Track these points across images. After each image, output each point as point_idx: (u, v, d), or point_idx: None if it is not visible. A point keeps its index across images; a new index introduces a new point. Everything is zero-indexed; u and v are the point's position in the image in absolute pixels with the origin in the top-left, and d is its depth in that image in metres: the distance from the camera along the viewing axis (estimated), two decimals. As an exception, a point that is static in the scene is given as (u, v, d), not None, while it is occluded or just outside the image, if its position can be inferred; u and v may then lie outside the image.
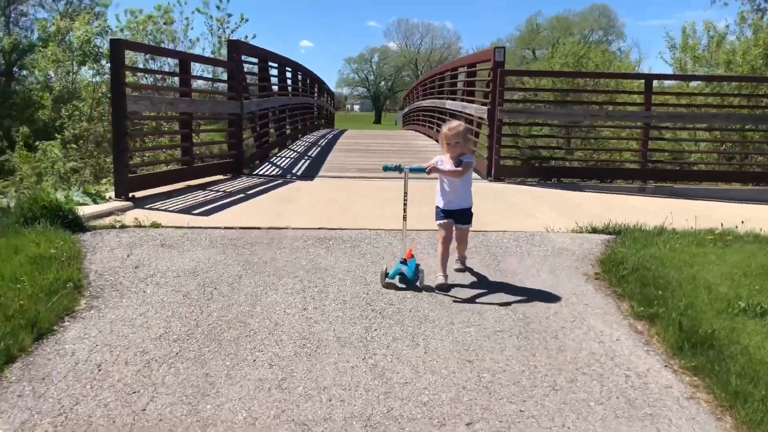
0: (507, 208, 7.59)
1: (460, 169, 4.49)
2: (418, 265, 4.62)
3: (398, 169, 4.52)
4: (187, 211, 7.01)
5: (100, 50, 18.69)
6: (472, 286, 4.74)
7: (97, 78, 18.60)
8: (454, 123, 4.63)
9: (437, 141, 16.09)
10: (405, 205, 4.58)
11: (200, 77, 14.02)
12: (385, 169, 4.59)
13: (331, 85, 36.96)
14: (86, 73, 20.17)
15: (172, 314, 4.11)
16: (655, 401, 3.20)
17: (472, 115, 11.72)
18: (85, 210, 6.56)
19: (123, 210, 6.86)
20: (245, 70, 10.96)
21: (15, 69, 30.19)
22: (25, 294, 4.13)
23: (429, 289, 4.54)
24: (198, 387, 3.26)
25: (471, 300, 4.45)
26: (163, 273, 4.85)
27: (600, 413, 3.08)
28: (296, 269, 5.00)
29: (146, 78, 13.75)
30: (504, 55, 10.30)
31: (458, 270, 4.95)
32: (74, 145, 14.55)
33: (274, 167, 11.46)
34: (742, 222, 6.29)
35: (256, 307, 4.27)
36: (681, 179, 10.05)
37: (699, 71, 16.47)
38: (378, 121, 76.31)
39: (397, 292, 4.51)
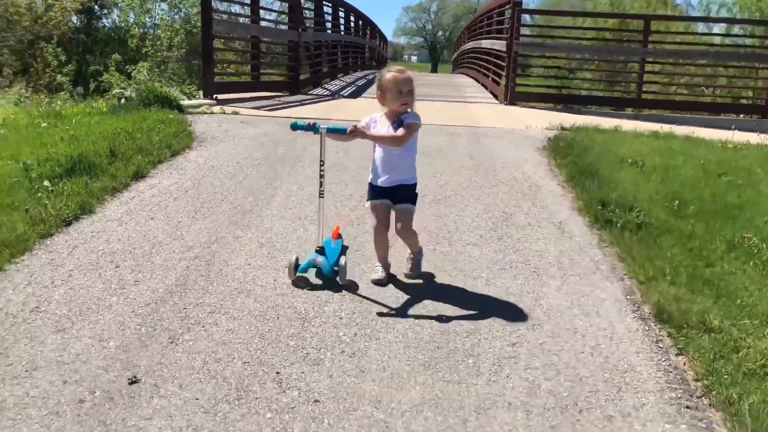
0: (505, 118, 9.57)
1: (398, 133, 3.22)
2: (343, 251, 3.66)
3: (312, 128, 3.25)
4: (257, 108, 9.30)
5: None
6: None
7: (173, 12, 20.97)
8: (397, 67, 3.33)
9: (476, 80, 17.81)
10: (321, 176, 3.43)
11: (267, 9, 16.11)
12: (294, 127, 3.32)
13: (389, 34, 38.41)
14: (163, 9, 22.61)
15: (253, 150, 6.41)
16: (540, 195, 5.33)
17: (498, 51, 13.56)
18: (184, 102, 8.90)
19: (210, 105, 9.18)
20: (302, 6, 13.04)
21: (96, 7, 33.08)
22: (160, 135, 6.48)
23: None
24: (271, 177, 5.55)
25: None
26: (244, 135, 7.14)
27: (502, 196, 5.24)
28: (335, 137, 7.22)
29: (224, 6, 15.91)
30: (520, -5, 12.10)
31: (409, 276, 3.69)
32: (157, 69, 17.02)
33: (325, 90, 13.64)
34: (671, 127, 8.15)
35: (305, 151, 6.52)
36: (669, 108, 11.74)
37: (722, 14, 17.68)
38: (435, 71, 77.22)
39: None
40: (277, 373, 2.78)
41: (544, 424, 2.49)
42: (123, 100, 8.48)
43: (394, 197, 3.42)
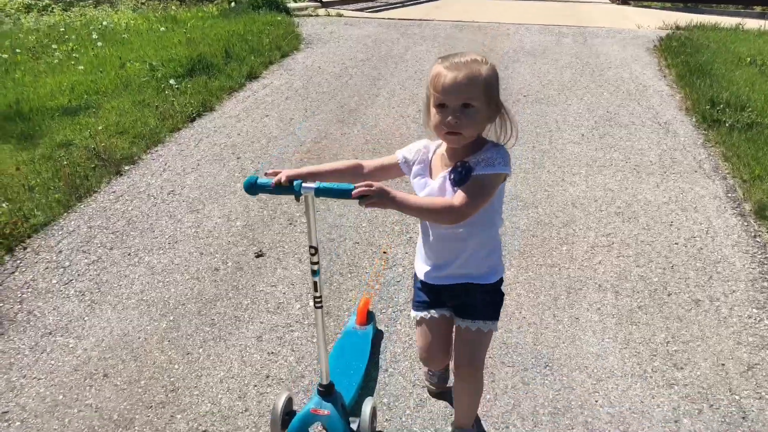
0: (615, 18, 9.10)
1: (455, 201, 1.55)
2: (373, 355, 2.39)
3: (285, 190, 1.62)
4: (360, 10, 9.37)
5: None
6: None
7: None
8: (465, 57, 1.55)
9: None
10: (314, 272, 1.75)
11: None
12: (252, 188, 1.65)
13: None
14: None
15: (357, 51, 6.57)
16: (647, 95, 5.20)
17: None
18: (290, 5, 9.09)
19: (315, 7, 9.32)
20: None
21: None
22: (270, 37, 6.75)
23: None
24: (374, 77, 5.72)
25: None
26: (349, 36, 7.29)
27: (607, 96, 5.16)
28: (435, 37, 7.23)
29: None
30: None
31: None
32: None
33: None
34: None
35: (407, 52, 6.60)
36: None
37: None
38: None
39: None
40: (384, 252, 3.08)
41: (632, 305, 2.66)
42: (233, 4, 8.80)
43: (458, 304, 1.81)
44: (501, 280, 1.79)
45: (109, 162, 4.00)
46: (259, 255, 3.09)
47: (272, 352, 2.43)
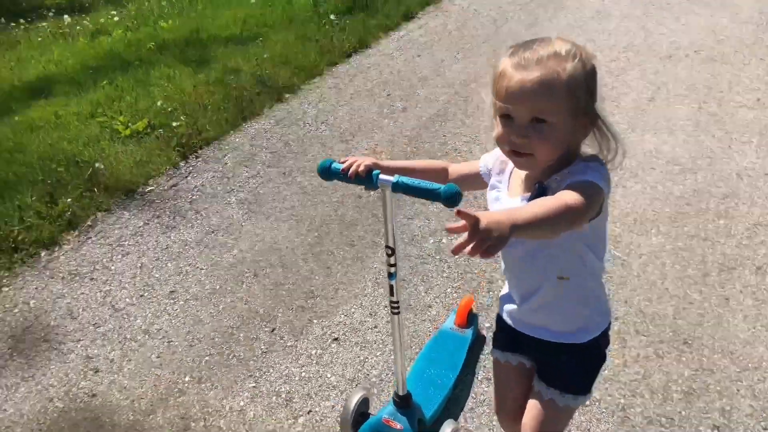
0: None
1: (563, 199, 1.07)
2: (469, 366, 2.12)
3: (362, 182, 1.41)
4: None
5: None
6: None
7: None
8: (543, 49, 1.15)
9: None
10: (390, 275, 1.56)
11: None
12: (326, 172, 1.44)
13: None
14: None
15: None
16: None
17: None
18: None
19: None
20: None
21: None
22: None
23: None
24: (530, 23, 5.53)
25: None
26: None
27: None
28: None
29: None
30: None
31: None
32: None
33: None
34: None
35: None
36: None
37: None
38: None
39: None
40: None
41: (791, 284, 2.46)
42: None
43: (538, 359, 1.45)
44: (601, 341, 1.37)
45: (272, 89, 4.28)
46: (401, 189, 3.20)
47: (404, 279, 2.55)
